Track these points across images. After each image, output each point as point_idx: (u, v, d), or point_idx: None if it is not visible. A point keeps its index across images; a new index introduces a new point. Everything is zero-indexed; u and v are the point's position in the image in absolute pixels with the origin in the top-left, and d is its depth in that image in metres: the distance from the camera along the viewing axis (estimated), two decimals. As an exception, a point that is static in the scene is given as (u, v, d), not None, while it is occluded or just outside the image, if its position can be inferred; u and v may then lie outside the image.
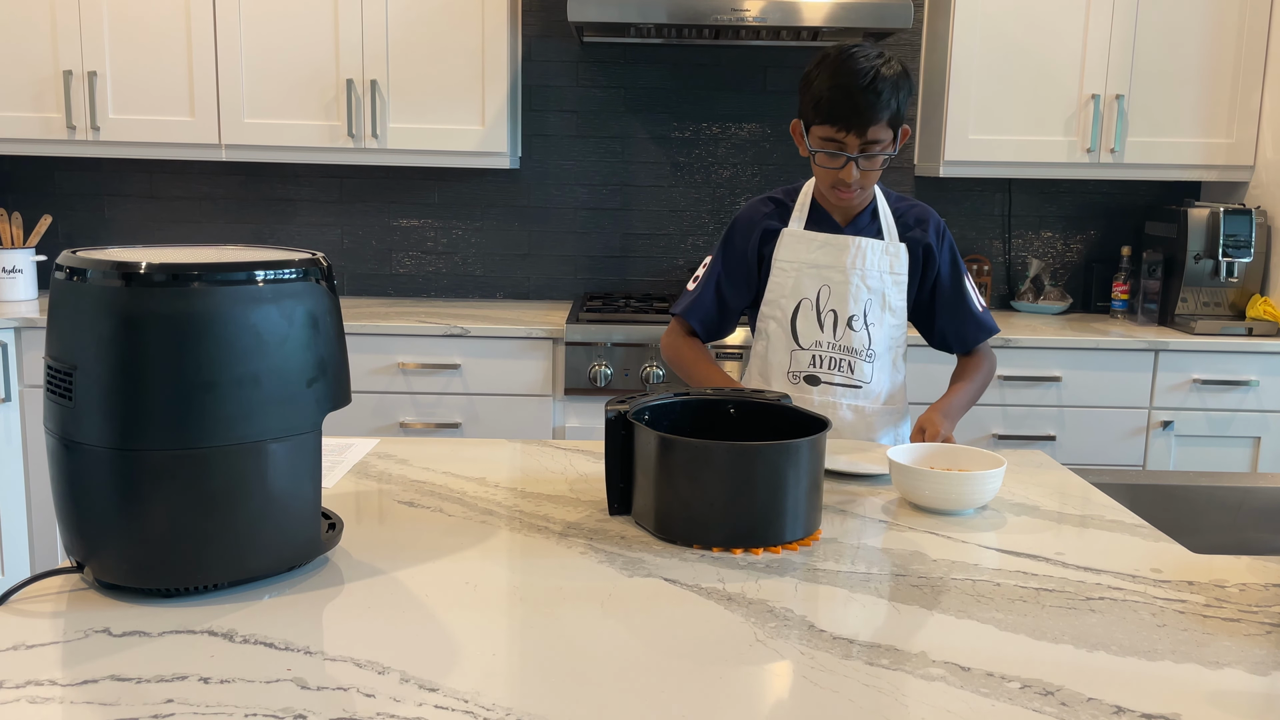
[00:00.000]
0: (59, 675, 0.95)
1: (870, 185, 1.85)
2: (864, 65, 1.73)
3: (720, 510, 1.30)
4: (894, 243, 1.91)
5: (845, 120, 1.74)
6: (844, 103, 1.73)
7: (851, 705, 0.92)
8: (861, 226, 1.92)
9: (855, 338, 1.89)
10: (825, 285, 1.89)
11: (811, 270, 1.89)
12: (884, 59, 1.75)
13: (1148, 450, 3.07)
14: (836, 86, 1.73)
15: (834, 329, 1.89)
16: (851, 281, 1.88)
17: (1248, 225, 3.15)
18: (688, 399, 1.52)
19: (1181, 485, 1.76)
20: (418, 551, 1.29)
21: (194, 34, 3.13)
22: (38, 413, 3.03)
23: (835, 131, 1.76)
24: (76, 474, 1.11)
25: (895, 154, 1.82)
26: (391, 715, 0.89)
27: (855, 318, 1.88)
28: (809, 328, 1.90)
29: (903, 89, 1.76)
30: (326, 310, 1.17)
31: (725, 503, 1.30)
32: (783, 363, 1.92)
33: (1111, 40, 3.18)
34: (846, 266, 1.88)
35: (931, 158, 3.36)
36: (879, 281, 1.89)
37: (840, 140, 1.77)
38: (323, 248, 3.60)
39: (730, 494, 1.30)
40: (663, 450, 1.33)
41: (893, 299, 1.91)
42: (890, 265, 1.90)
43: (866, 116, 1.73)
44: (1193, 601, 1.17)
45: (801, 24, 3.01)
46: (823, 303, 1.89)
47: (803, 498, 1.33)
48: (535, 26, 3.48)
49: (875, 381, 1.92)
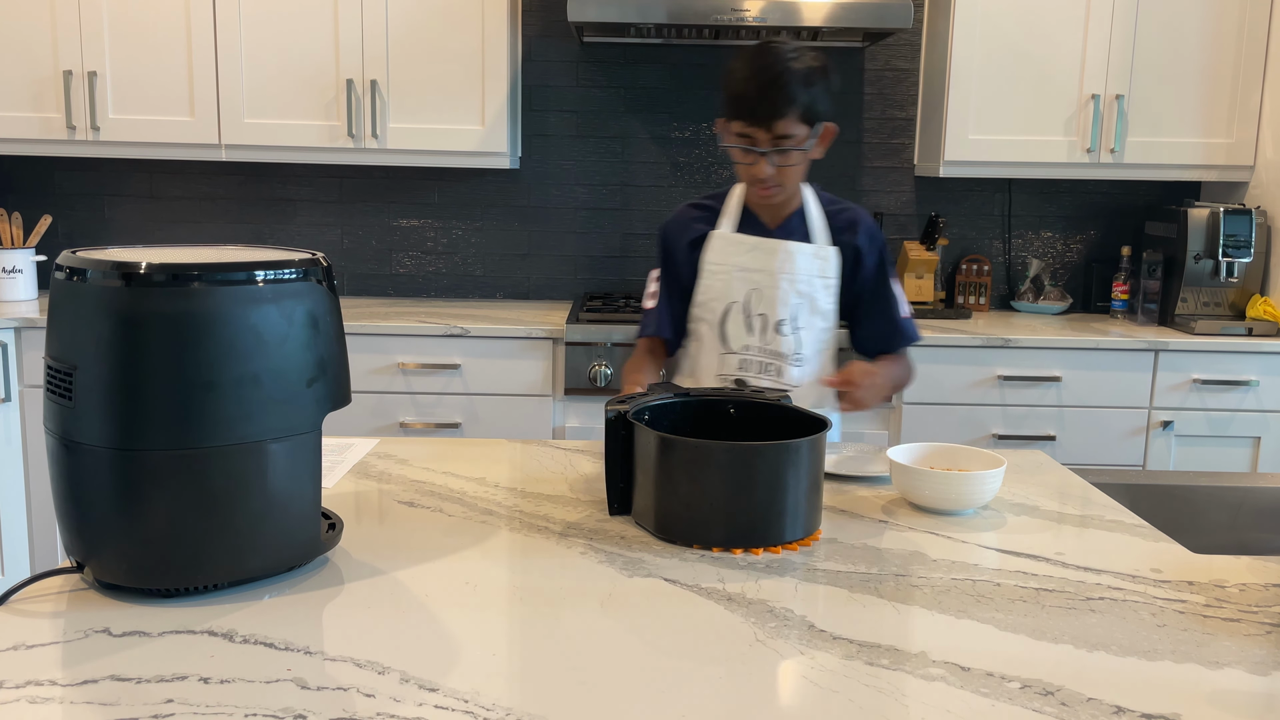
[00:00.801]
0: (59, 675, 0.95)
1: (790, 182, 1.82)
2: (773, 60, 1.71)
3: (720, 510, 1.30)
4: (824, 246, 1.89)
5: (753, 115, 1.73)
6: (752, 97, 1.72)
7: (851, 705, 0.92)
8: (792, 229, 1.90)
9: (784, 342, 1.87)
10: (755, 289, 1.87)
11: (740, 274, 1.87)
12: (798, 55, 1.73)
13: (1148, 450, 3.07)
14: (745, 81, 1.72)
15: (762, 333, 1.87)
16: (780, 285, 1.86)
17: (1248, 225, 3.15)
18: (688, 399, 1.52)
19: (1181, 485, 1.76)
20: (418, 551, 1.29)
21: (194, 34, 3.13)
22: (38, 413, 3.03)
23: (746, 126, 1.75)
24: (76, 474, 1.11)
25: (810, 150, 1.79)
26: (391, 715, 0.89)
27: (784, 322, 1.87)
28: (737, 331, 1.88)
29: (817, 84, 1.74)
30: (326, 310, 1.17)
31: (725, 503, 1.30)
32: (712, 365, 1.91)
33: (1111, 40, 3.18)
34: (775, 270, 1.86)
35: (931, 158, 3.36)
36: (808, 285, 1.87)
37: (751, 135, 1.75)
38: (323, 248, 3.60)
39: (730, 494, 1.30)
40: (663, 450, 1.33)
41: (822, 302, 1.89)
42: (820, 269, 1.88)
43: (774, 110, 1.72)
44: (1193, 601, 1.17)
45: (801, 24, 3.01)
46: (752, 306, 1.87)
47: (803, 498, 1.33)
48: (535, 26, 3.48)
49: (804, 386, 1.90)
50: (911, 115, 3.55)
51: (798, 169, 1.80)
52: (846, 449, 1.79)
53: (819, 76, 1.74)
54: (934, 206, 3.60)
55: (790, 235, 1.89)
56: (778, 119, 1.72)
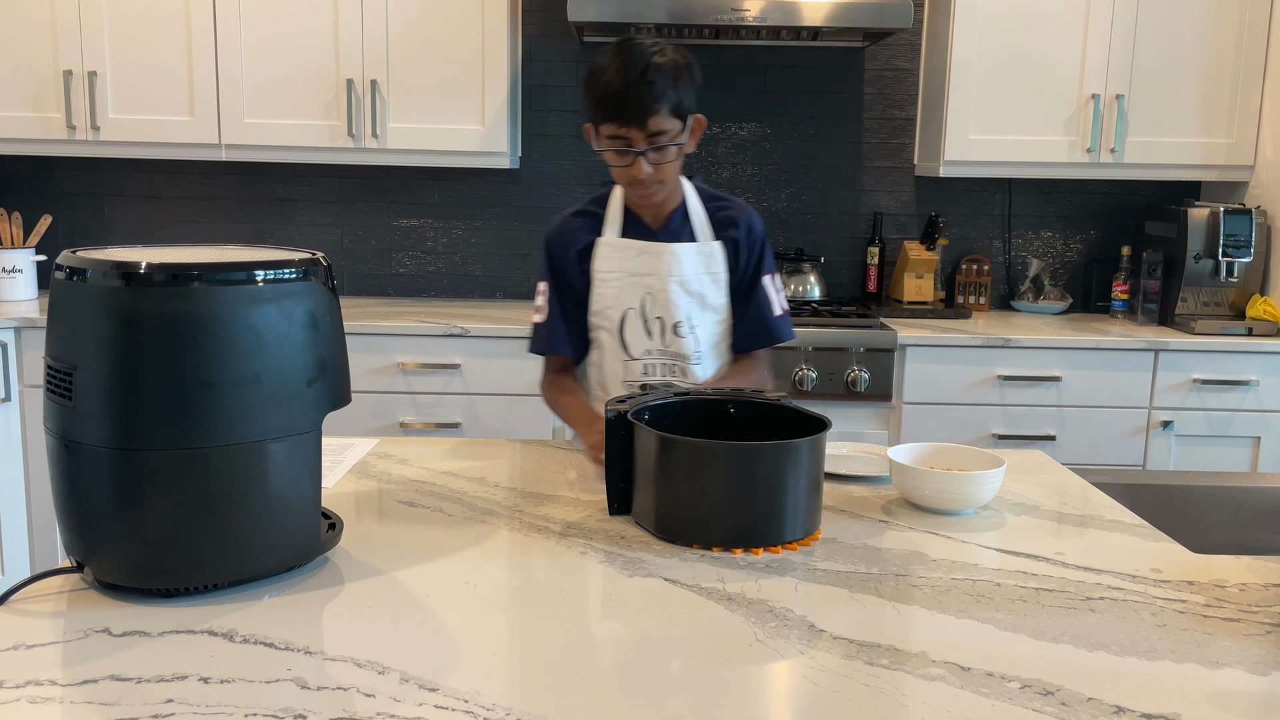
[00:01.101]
0: (59, 675, 0.95)
1: (668, 179, 1.79)
2: (638, 58, 1.69)
3: (720, 510, 1.30)
4: (708, 242, 1.87)
5: (625, 115, 1.70)
6: (620, 97, 1.69)
7: (851, 705, 0.92)
8: (675, 229, 1.87)
9: (683, 343, 1.86)
10: (648, 293, 1.85)
11: (632, 279, 1.85)
12: (658, 49, 1.71)
13: (1148, 450, 3.07)
14: (612, 81, 1.69)
15: (661, 335, 1.86)
16: (671, 288, 1.84)
17: (1248, 225, 3.15)
18: (688, 399, 1.52)
19: (1181, 485, 1.76)
20: (418, 551, 1.29)
21: (194, 34, 3.13)
22: (38, 413, 3.02)
23: (619, 128, 1.72)
24: (76, 474, 1.11)
25: (685, 144, 1.77)
26: (391, 715, 0.89)
27: (680, 324, 1.85)
28: (637, 336, 1.86)
29: (682, 78, 1.73)
30: (326, 310, 1.17)
31: (725, 502, 1.30)
32: (618, 372, 1.89)
33: (1111, 40, 3.18)
34: (664, 273, 1.84)
35: (931, 158, 3.36)
36: (698, 284, 1.86)
37: (625, 136, 1.72)
38: (323, 248, 3.60)
39: (730, 494, 1.30)
40: (663, 450, 1.33)
41: (712, 298, 1.88)
42: (706, 265, 1.87)
43: (645, 108, 1.69)
44: (1193, 601, 1.17)
45: (801, 24, 3.01)
46: (648, 310, 1.85)
47: (803, 497, 1.33)
48: (535, 26, 3.48)
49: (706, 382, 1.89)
50: (911, 115, 3.55)
51: (675, 165, 1.78)
52: (846, 449, 1.79)
53: (685, 70, 1.73)
54: (934, 206, 3.60)
55: (675, 234, 1.88)
56: (650, 116, 1.70)
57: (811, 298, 3.45)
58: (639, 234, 1.88)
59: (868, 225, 3.61)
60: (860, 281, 3.63)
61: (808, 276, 3.47)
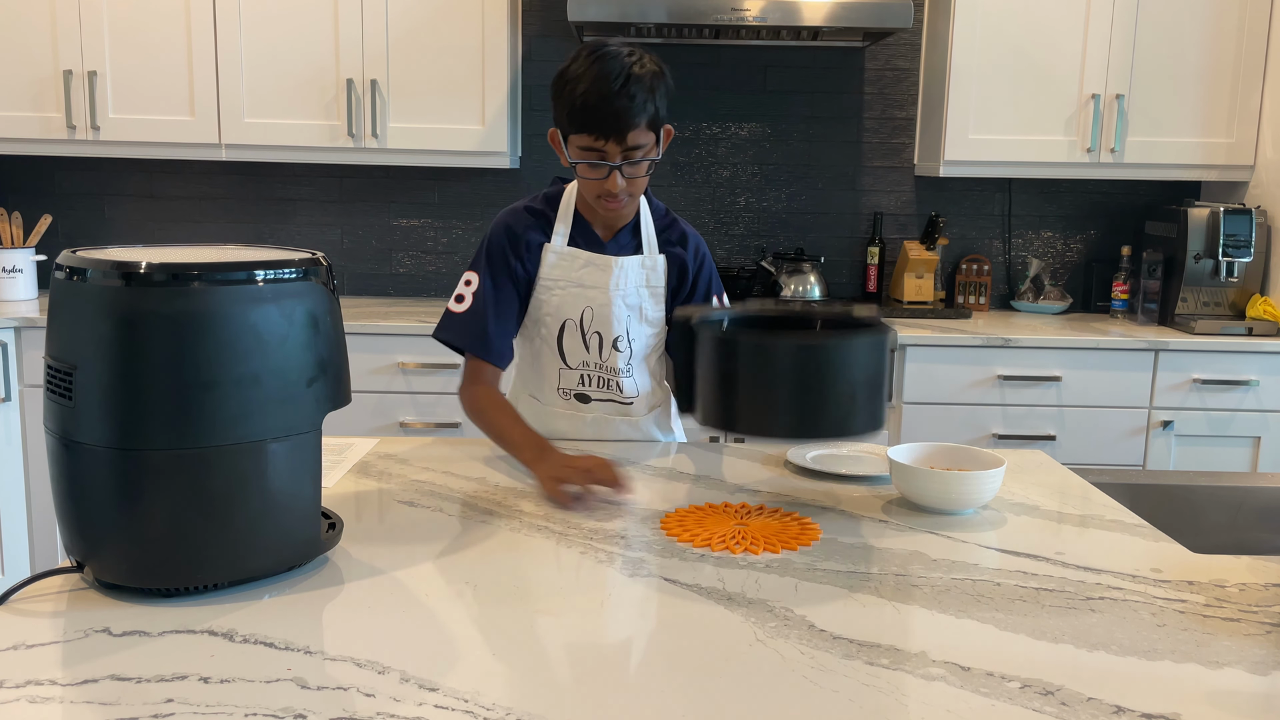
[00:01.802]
0: (59, 675, 0.95)
1: (638, 192, 1.75)
2: (616, 67, 1.61)
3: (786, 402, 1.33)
4: (652, 255, 1.84)
5: (603, 128, 1.62)
6: (600, 109, 1.61)
7: (851, 705, 0.92)
8: (623, 241, 1.83)
9: (619, 357, 1.84)
10: (589, 306, 1.81)
11: (576, 290, 1.82)
12: (636, 58, 1.64)
13: (1148, 450, 3.07)
14: (590, 92, 1.61)
15: (599, 349, 1.84)
16: (614, 303, 1.81)
17: (1248, 225, 3.15)
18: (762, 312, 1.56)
19: (1181, 485, 1.76)
20: (418, 551, 1.29)
21: (194, 34, 3.13)
22: (38, 413, 3.02)
23: (594, 140, 1.64)
24: (76, 474, 1.11)
25: (659, 158, 1.72)
26: (391, 715, 0.89)
27: (620, 339, 1.83)
28: (575, 347, 1.84)
29: (659, 88, 1.66)
30: (326, 310, 1.17)
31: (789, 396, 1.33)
32: (553, 379, 1.87)
33: (1111, 40, 3.18)
34: (609, 288, 1.80)
35: (931, 158, 3.36)
36: (636, 297, 1.83)
37: (601, 149, 1.65)
38: (323, 247, 3.60)
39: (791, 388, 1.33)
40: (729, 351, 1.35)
41: (649, 311, 1.85)
42: (646, 279, 1.83)
43: (625, 122, 1.62)
44: (1193, 601, 1.17)
45: (801, 24, 3.01)
46: (587, 324, 1.82)
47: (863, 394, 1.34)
48: (535, 26, 3.48)
49: (640, 393, 1.89)
50: (911, 115, 3.55)
51: (645, 178, 1.73)
52: (846, 449, 1.79)
53: (660, 80, 1.66)
54: (934, 206, 3.60)
55: (622, 247, 1.84)
56: (630, 130, 1.63)
57: (811, 298, 3.45)
58: (588, 242, 1.83)
59: (868, 225, 3.61)
60: (860, 281, 3.63)
61: (808, 276, 3.46)
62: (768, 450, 1.81)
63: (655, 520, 1.41)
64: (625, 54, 1.64)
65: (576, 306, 1.82)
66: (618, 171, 1.67)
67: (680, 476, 1.63)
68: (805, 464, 1.68)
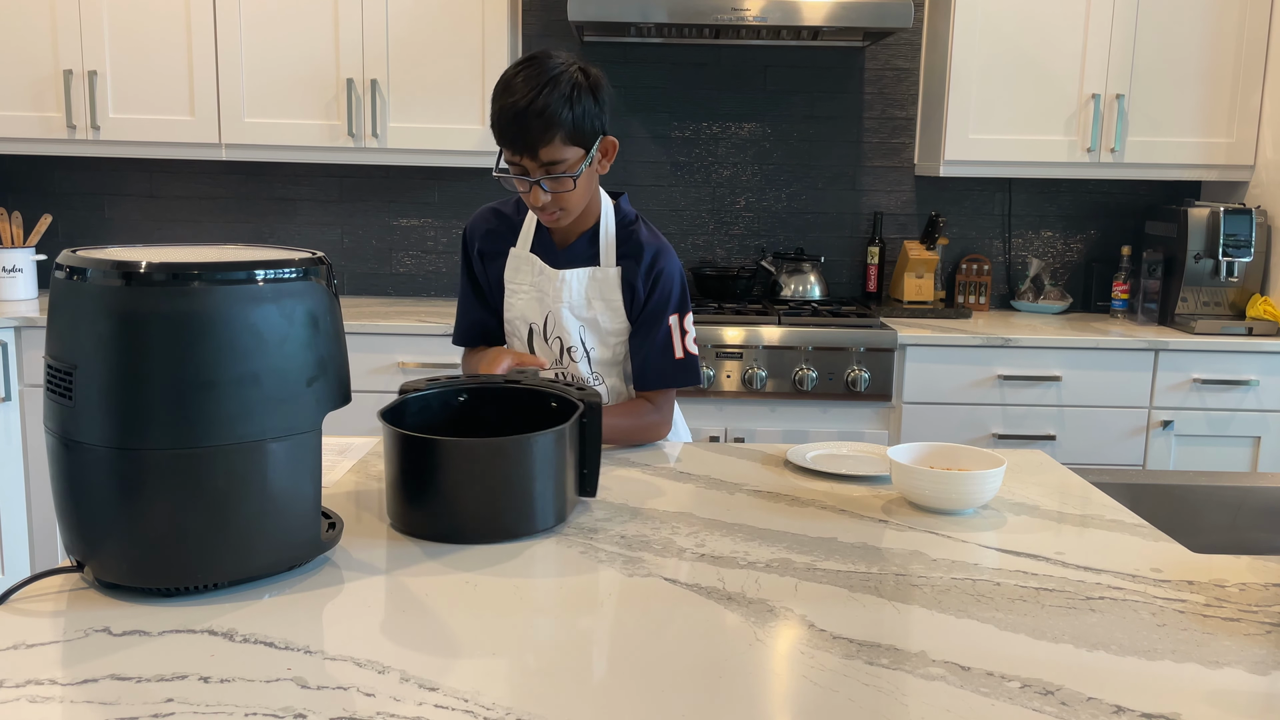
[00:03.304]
0: (59, 675, 0.95)
1: (570, 206, 1.71)
2: (532, 84, 1.59)
3: (459, 504, 1.31)
4: (607, 267, 1.81)
5: (514, 144, 1.63)
6: (510, 127, 1.62)
7: (851, 705, 0.92)
8: (578, 251, 1.82)
9: (578, 366, 1.85)
10: (549, 311, 1.83)
11: (535, 295, 1.83)
12: (561, 69, 1.62)
13: (1148, 450, 3.07)
14: (503, 110, 1.62)
15: (561, 355, 1.85)
16: (564, 314, 1.81)
17: (1248, 225, 3.15)
18: (474, 386, 1.53)
19: (1181, 485, 1.76)
20: (418, 551, 1.29)
21: (194, 34, 3.13)
22: (38, 412, 3.03)
23: (511, 155, 1.65)
24: (76, 473, 1.11)
25: (591, 169, 1.69)
26: (391, 715, 0.89)
27: (574, 348, 1.83)
28: (543, 350, 1.86)
29: (579, 103, 1.62)
30: (326, 309, 1.17)
31: (462, 497, 1.31)
32: None
33: (1111, 40, 3.18)
34: (560, 298, 1.81)
35: (931, 157, 3.36)
36: (587, 310, 1.82)
37: (519, 163, 1.66)
38: (323, 247, 3.60)
39: (463, 490, 1.30)
40: (402, 449, 1.32)
41: (605, 323, 1.82)
42: (599, 290, 1.81)
43: (534, 140, 1.61)
44: (1193, 601, 1.17)
45: (801, 24, 3.01)
46: (549, 329, 1.84)
47: (549, 488, 1.34)
48: (535, 26, 3.48)
49: (612, 400, 1.89)
50: (911, 115, 3.56)
51: (578, 193, 1.70)
52: (846, 449, 1.79)
53: (584, 93, 1.63)
54: (934, 206, 3.60)
55: (575, 258, 1.82)
56: (541, 147, 1.62)
57: (811, 297, 3.45)
58: (545, 251, 1.83)
59: (868, 225, 3.61)
60: (860, 281, 3.64)
61: (808, 276, 3.47)
62: (768, 450, 1.81)
63: (655, 520, 1.41)
64: (551, 65, 1.62)
65: (539, 311, 1.84)
66: (537, 186, 1.67)
67: (681, 476, 1.63)
68: (805, 464, 1.68)
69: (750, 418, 3.02)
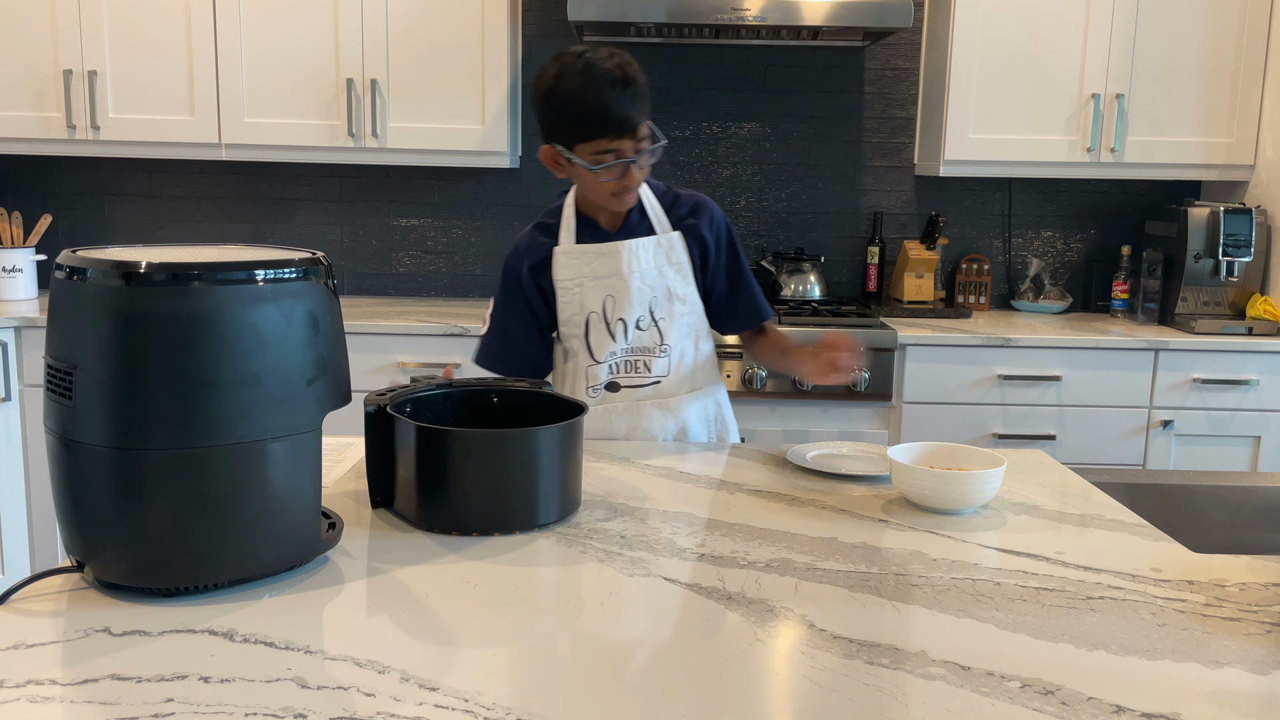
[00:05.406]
0: (59, 674, 0.95)
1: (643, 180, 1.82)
2: (606, 71, 1.69)
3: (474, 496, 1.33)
4: (666, 234, 1.88)
5: (618, 128, 1.70)
6: (610, 112, 1.69)
7: (851, 705, 0.92)
8: (631, 226, 1.88)
9: (645, 336, 1.87)
10: (609, 295, 1.85)
11: (593, 282, 1.85)
12: (617, 57, 1.71)
13: (1148, 450, 3.07)
14: (597, 99, 1.69)
15: (624, 335, 1.86)
16: (632, 285, 1.85)
17: (1248, 224, 3.15)
18: (450, 390, 1.54)
19: (1181, 485, 1.76)
20: (418, 551, 1.29)
21: (194, 34, 3.13)
22: (38, 412, 3.02)
23: (610, 142, 1.71)
24: (76, 473, 1.11)
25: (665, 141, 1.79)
26: (391, 715, 0.89)
27: (642, 318, 1.86)
28: (601, 340, 1.87)
29: (643, 80, 1.73)
30: (326, 309, 1.17)
31: (478, 488, 1.33)
32: (584, 380, 1.89)
33: (1111, 40, 3.18)
34: (624, 272, 1.84)
35: (931, 157, 3.36)
36: (659, 277, 1.87)
37: (616, 149, 1.72)
38: (323, 247, 3.60)
39: (483, 480, 1.33)
40: (419, 440, 1.35)
41: (678, 289, 1.88)
42: (667, 256, 1.87)
43: (635, 117, 1.71)
44: (1193, 601, 1.17)
45: (801, 23, 3.01)
46: (609, 313, 1.85)
47: (555, 481, 1.37)
48: (535, 26, 3.48)
49: (672, 373, 1.90)
50: (911, 115, 3.55)
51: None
52: (846, 449, 1.79)
53: (639, 71, 1.74)
54: (934, 206, 3.60)
55: (631, 232, 1.88)
56: (640, 123, 1.72)
57: (811, 297, 3.45)
58: (594, 238, 1.88)
59: (868, 225, 3.61)
60: (860, 281, 3.63)
61: (808, 276, 3.47)
62: (767, 450, 1.81)
63: (655, 520, 1.41)
64: (605, 57, 1.72)
65: (597, 298, 1.86)
66: (634, 165, 1.75)
67: (681, 476, 1.63)
68: (805, 464, 1.68)
69: (750, 418, 3.02)
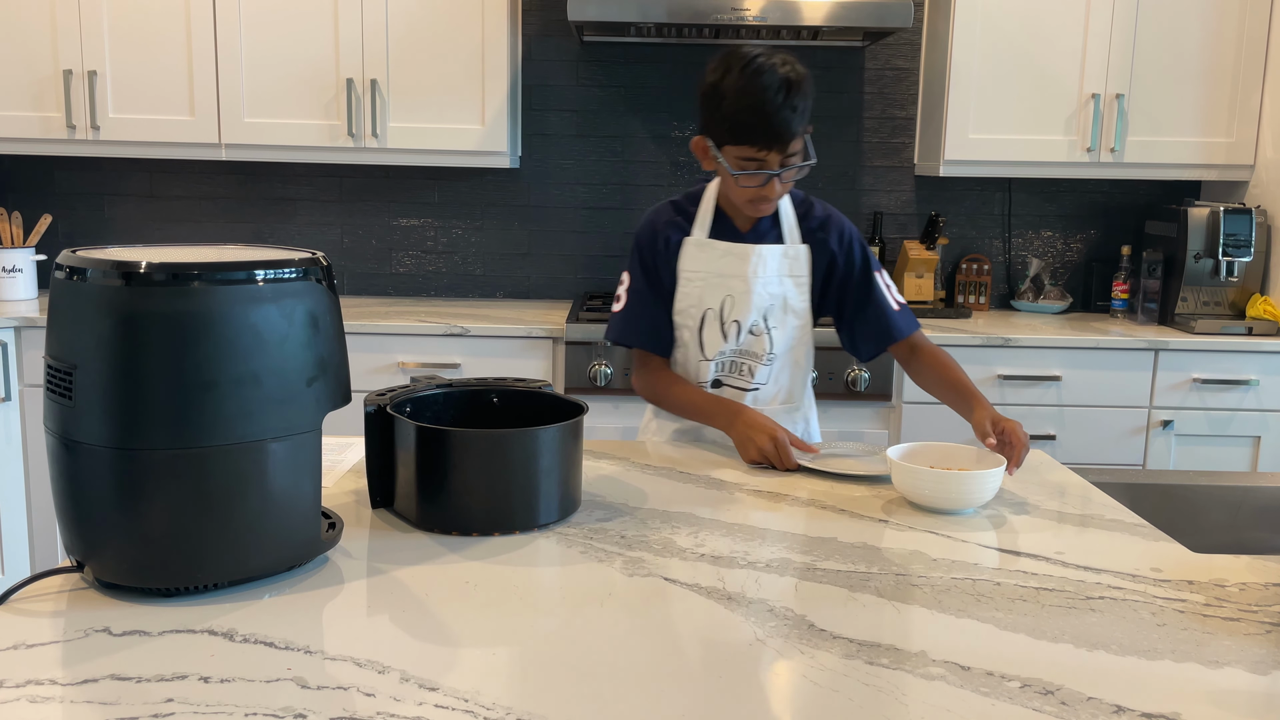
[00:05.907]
0: (59, 675, 0.95)
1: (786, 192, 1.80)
2: (775, 79, 1.64)
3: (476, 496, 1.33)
4: (794, 245, 1.86)
5: (767, 140, 1.66)
6: (765, 124, 1.65)
7: (851, 705, 0.92)
8: (763, 231, 1.86)
9: (756, 342, 1.86)
10: (729, 295, 1.84)
11: (716, 279, 1.84)
12: (789, 66, 1.66)
13: (1148, 450, 3.07)
14: (752, 108, 1.64)
15: (736, 337, 1.85)
16: (754, 290, 1.83)
17: (1248, 224, 3.15)
18: (450, 390, 1.54)
19: (1181, 485, 1.76)
20: (418, 551, 1.29)
21: (194, 34, 3.13)
22: (38, 412, 3.02)
23: (756, 151, 1.68)
24: (76, 473, 1.11)
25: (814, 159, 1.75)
26: (391, 715, 0.89)
27: (756, 324, 1.85)
28: (714, 338, 1.86)
29: (810, 93, 1.69)
30: (326, 309, 1.17)
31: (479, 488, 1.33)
32: (691, 373, 1.89)
33: (1111, 40, 3.18)
34: (748, 275, 1.83)
35: (931, 157, 3.36)
36: (779, 286, 1.85)
37: (761, 159, 1.69)
38: (323, 247, 3.60)
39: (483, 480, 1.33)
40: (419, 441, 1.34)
41: (794, 301, 1.87)
42: (790, 268, 1.85)
43: (788, 134, 1.66)
44: (1193, 601, 1.17)
45: (801, 23, 3.01)
46: (726, 313, 1.84)
47: (555, 481, 1.37)
48: (535, 26, 3.48)
49: (771, 383, 1.89)
50: (911, 115, 3.55)
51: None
52: (846, 448, 1.79)
53: (810, 84, 1.69)
54: (934, 206, 3.60)
55: (762, 237, 1.86)
56: (793, 140, 1.67)
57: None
58: (727, 235, 1.86)
59: (868, 225, 3.61)
60: (860, 281, 3.63)
61: (808, 276, 3.46)
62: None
63: (655, 520, 1.41)
64: (778, 63, 1.66)
65: (716, 296, 1.85)
66: (776, 180, 1.71)
67: (681, 476, 1.63)
68: (805, 464, 1.68)
69: (750, 417, 3.02)
